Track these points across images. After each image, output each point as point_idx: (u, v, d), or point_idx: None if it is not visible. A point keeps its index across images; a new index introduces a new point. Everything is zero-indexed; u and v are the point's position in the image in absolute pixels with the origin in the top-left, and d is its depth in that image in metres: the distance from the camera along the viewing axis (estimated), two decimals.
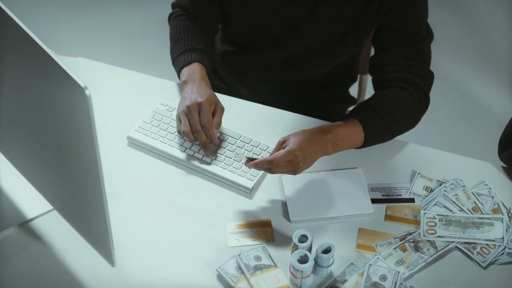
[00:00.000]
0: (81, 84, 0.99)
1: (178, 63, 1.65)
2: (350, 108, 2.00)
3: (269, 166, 1.41)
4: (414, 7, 1.58)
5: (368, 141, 1.54)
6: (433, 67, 1.65)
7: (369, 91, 1.75)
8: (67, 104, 1.05)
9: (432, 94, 1.64)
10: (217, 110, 1.55)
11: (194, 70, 1.61)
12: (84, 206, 1.22)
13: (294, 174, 1.44)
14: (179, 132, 1.54)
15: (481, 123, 2.90)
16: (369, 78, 1.80)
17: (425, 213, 1.44)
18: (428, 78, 1.63)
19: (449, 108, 2.93)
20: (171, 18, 1.76)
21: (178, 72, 1.65)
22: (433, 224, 1.43)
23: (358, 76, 2.00)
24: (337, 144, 1.49)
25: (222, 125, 1.59)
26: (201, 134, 1.51)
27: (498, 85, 3.05)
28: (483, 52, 3.20)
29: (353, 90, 2.00)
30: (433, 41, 1.64)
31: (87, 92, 0.99)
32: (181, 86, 1.60)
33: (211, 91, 1.56)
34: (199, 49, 1.65)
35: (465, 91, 3.03)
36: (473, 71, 3.11)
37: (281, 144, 1.45)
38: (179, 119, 1.54)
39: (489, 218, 1.44)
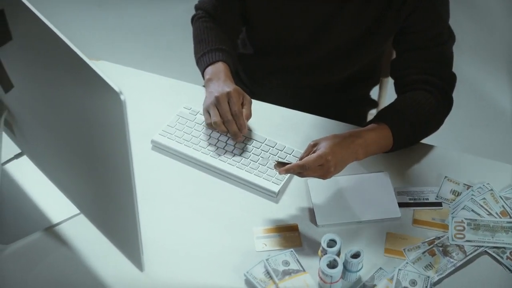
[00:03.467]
0: (116, 89, 0.99)
1: (202, 63, 1.65)
2: (372, 111, 1.99)
3: (300, 170, 1.40)
4: (436, 9, 1.57)
5: (397, 145, 1.53)
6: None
7: (390, 94, 1.74)
8: (101, 108, 1.05)
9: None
10: (245, 101, 1.55)
11: (218, 68, 1.61)
12: (114, 210, 1.22)
13: (324, 179, 1.43)
14: (208, 124, 1.54)
15: (497, 126, 2.89)
16: (390, 81, 1.79)
17: (453, 217, 1.43)
18: (451, 80, 1.62)
19: (465, 111, 2.92)
20: (194, 19, 1.77)
21: (202, 71, 1.65)
22: (462, 228, 1.42)
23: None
24: (367, 149, 1.48)
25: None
26: (231, 124, 1.51)
27: None
28: (499, 53, 3.19)
29: (374, 93, 1.99)
30: (454, 42, 1.63)
31: (122, 97, 0.98)
32: (206, 84, 1.60)
33: (236, 86, 1.56)
34: (223, 49, 1.66)
35: (481, 93, 3.01)
36: (489, 72, 3.09)
37: (312, 147, 1.44)
38: (207, 112, 1.54)
39: None
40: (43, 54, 1.12)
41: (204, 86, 1.64)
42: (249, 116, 1.55)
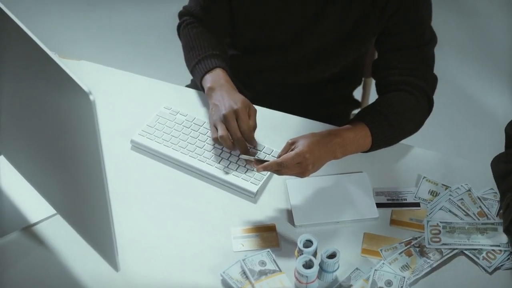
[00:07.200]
0: (86, 89, 0.99)
1: (199, 71, 1.62)
2: (355, 111, 2.00)
3: (278, 168, 1.40)
4: (417, 11, 1.58)
5: (375, 145, 1.53)
6: (436, 69, 1.64)
7: (373, 94, 1.74)
8: (71, 109, 1.05)
9: (435, 96, 1.64)
10: (251, 113, 1.53)
11: (218, 76, 1.59)
12: (88, 210, 1.22)
13: (302, 177, 1.43)
14: (215, 139, 1.51)
15: (485, 125, 2.90)
16: (373, 82, 1.79)
17: (428, 221, 1.43)
18: (432, 82, 1.63)
19: (452, 111, 2.93)
20: (181, 27, 1.73)
21: (200, 79, 1.61)
22: (437, 232, 1.42)
23: (363, 79, 1.99)
24: (345, 148, 1.48)
25: None
26: (241, 141, 1.49)
27: (501, 87, 3.05)
28: (486, 54, 3.20)
29: (357, 94, 2.00)
30: (436, 43, 1.63)
31: (91, 97, 0.99)
32: (208, 93, 1.57)
33: (241, 96, 1.54)
34: (217, 55, 1.63)
35: (468, 93, 3.02)
36: (476, 73, 3.10)
37: (290, 145, 1.44)
38: (214, 127, 1.51)
39: (492, 223, 1.43)
40: (15, 54, 1.12)
41: (205, 93, 1.59)
42: (255, 127, 1.52)
